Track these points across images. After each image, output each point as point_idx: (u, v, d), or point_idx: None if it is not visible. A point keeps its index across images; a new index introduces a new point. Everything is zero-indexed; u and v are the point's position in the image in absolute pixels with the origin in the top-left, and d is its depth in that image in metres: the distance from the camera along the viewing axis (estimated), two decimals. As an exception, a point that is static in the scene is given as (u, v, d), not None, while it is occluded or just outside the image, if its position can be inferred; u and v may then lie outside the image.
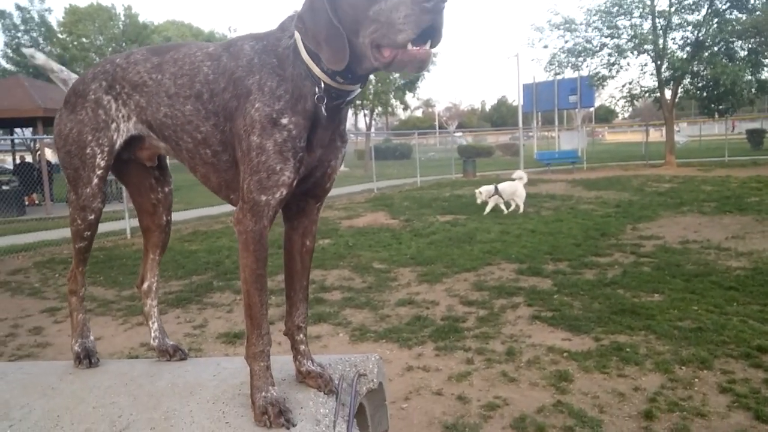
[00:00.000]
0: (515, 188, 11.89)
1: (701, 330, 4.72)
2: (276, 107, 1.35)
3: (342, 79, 1.34)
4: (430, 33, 1.21)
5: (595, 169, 24.45)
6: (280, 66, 1.38)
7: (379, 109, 35.62)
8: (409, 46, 1.21)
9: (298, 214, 1.55)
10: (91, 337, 1.77)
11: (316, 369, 1.51)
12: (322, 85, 1.35)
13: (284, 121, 1.34)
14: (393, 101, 35.20)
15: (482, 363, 4.34)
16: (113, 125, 1.63)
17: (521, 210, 11.81)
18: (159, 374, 1.44)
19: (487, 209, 11.96)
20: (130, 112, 1.63)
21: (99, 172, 1.63)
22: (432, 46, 1.24)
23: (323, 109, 1.35)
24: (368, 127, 35.05)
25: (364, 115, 35.98)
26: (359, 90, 1.43)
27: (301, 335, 1.55)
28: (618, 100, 25.13)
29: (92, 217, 1.68)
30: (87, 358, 1.64)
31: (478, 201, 12.34)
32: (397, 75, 32.73)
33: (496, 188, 12.00)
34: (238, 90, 1.40)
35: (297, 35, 1.37)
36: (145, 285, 1.90)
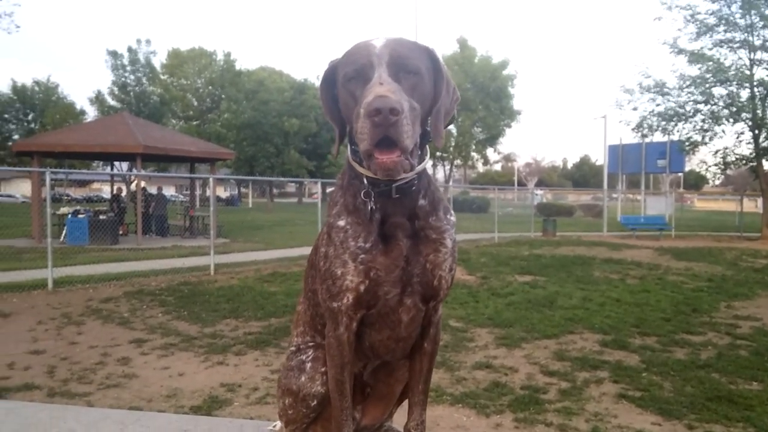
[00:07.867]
0: None
1: (809, 429, 4.34)
2: (333, 212, 1.37)
3: None
4: (391, 143, 1.15)
5: (684, 237, 23.41)
6: (341, 179, 1.42)
7: (458, 161, 35.85)
8: (377, 154, 1.16)
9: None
10: None
11: None
12: (365, 180, 1.33)
13: (341, 223, 1.34)
14: (473, 154, 35.34)
15: (565, 441, 4.14)
16: None
17: None
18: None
19: None
20: None
21: None
22: (401, 154, 1.16)
23: (372, 203, 1.32)
24: (447, 179, 35.20)
25: (443, 167, 36.26)
26: (404, 180, 1.32)
27: None
28: (710, 167, 24.23)
29: None
30: None
31: None
32: (479, 129, 32.96)
33: None
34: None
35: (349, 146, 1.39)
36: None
